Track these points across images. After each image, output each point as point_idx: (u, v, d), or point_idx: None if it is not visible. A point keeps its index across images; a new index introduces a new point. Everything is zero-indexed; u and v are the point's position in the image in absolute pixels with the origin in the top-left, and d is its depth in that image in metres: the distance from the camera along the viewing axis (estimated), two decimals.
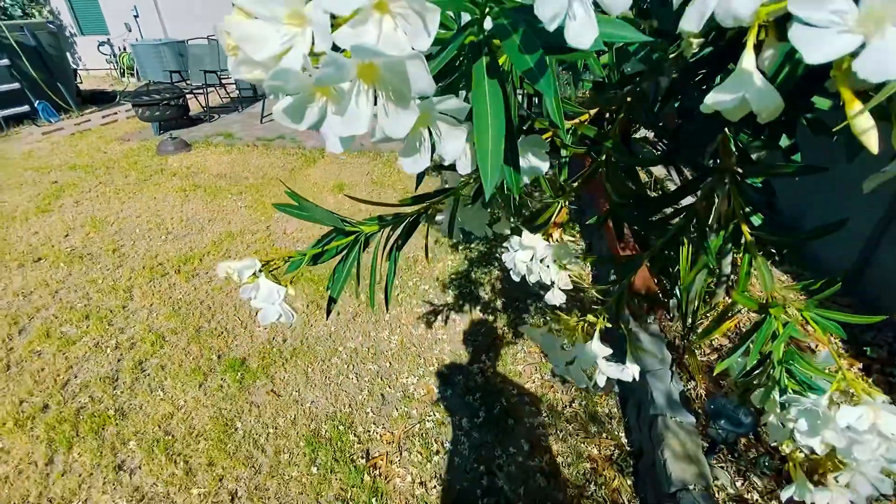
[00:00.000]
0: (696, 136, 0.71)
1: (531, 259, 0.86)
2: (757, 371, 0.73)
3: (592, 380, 0.78)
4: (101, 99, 7.95)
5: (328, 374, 2.29)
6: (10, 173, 4.91)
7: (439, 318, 2.64)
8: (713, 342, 2.34)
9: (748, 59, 0.30)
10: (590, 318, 0.79)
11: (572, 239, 0.89)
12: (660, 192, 3.11)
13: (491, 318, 2.62)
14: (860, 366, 2.12)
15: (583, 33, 0.27)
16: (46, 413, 2.15)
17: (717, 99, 0.30)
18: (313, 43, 0.29)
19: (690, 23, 0.27)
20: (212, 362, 2.39)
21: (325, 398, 2.16)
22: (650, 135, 0.82)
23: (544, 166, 0.56)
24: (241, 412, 2.11)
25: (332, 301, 0.78)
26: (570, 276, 0.83)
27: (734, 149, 0.77)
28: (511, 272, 0.90)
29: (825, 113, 0.49)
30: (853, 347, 2.19)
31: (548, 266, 0.85)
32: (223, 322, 2.66)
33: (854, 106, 0.25)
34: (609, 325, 0.77)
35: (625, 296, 0.84)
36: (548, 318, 2.52)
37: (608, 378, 0.78)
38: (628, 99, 0.82)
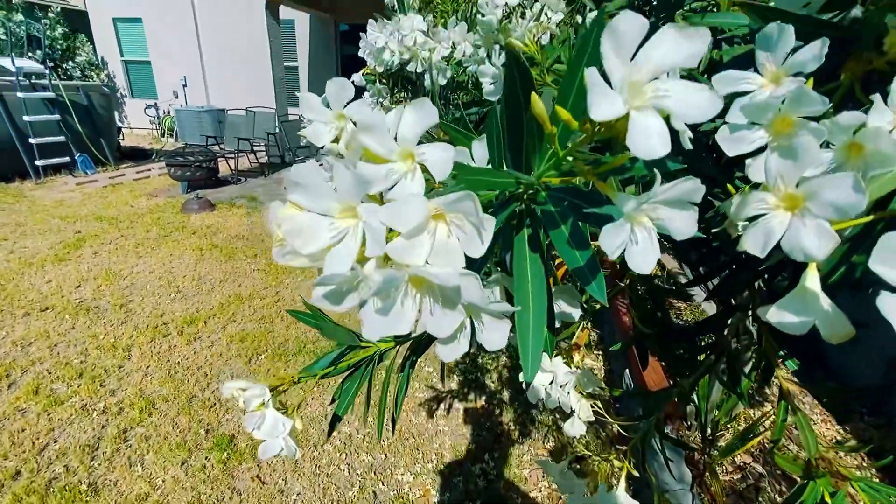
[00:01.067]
0: (724, 280, 0.70)
1: (550, 383, 0.82)
2: None
3: None
4: (139, 155, 8.44)
5: (319, 462, 2.14)
6: (38, 220, 5.08)
7: (441, 406, 2.51)
8: (735, 458, 2.16)
9: (812, 279, 0.28)
10: (614, 460, 0.73)
11: (595, 362, 0.86)
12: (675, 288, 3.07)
13: (497, 410, 2.48)
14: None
15: (645, 258, 0.26)
16: (17, 481, 2.01)
17: (780, 319, 0.28)
18: (362, 237, 0.28)
19: (754, 248, 0.26)
20: (199, 437, 2.26)
21: (312, 491, 2.00)
22: None
23: (576, 313, 0.54)
24: (220, 500, 1.95)
25: (336, 419, 0.74)
26: (592, 407, 0.78)
27: (762, 285, 0.75)
28: (528, 394, 0.85)
29: None
30: (888, 476, 2.01)
31: (568, 392, 0.80)
32: (217, 393, 2.56)
33: None
34: (636, 474, 0.71)
35: (651, 433, 0.78)
36: (558, 416, 2.38)
37: None
38: None
